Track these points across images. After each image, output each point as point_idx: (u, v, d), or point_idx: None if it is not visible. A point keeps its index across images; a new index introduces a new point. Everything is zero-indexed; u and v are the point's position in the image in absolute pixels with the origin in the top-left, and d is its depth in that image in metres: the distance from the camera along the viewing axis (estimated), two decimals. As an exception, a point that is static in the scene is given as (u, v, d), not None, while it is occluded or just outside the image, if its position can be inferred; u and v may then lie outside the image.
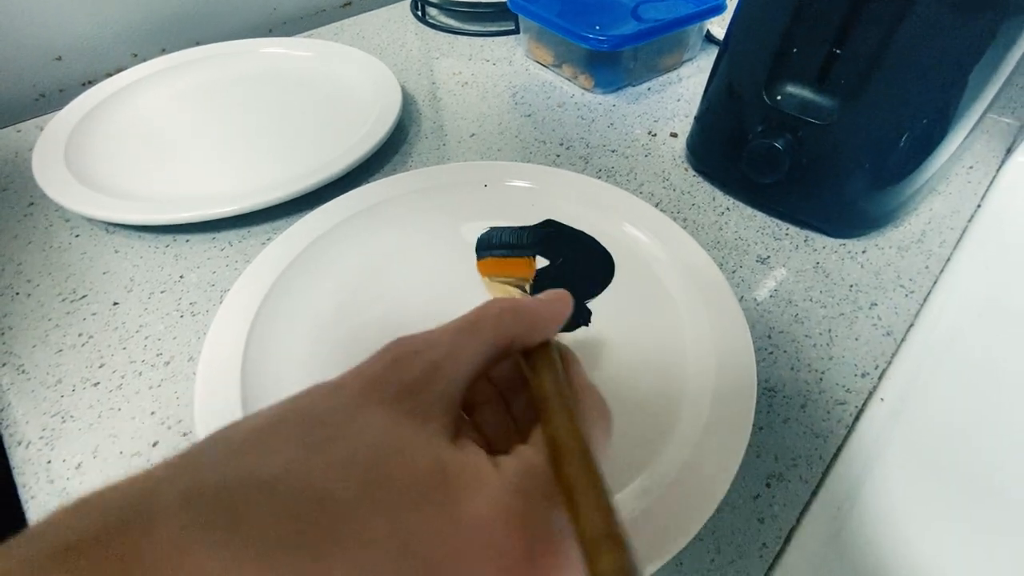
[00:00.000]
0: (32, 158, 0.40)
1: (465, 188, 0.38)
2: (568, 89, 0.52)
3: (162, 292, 0.34)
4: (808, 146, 0.34)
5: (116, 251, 0.36)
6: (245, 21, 0.62)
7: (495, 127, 0.47)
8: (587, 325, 0.30)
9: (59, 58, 0.52)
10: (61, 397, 0.28)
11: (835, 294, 0.34)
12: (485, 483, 0.14)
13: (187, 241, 0.37)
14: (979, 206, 0.40)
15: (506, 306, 0.18)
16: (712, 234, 0.37)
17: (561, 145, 0.45)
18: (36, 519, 0.24)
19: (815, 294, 0.34)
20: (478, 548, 0.13)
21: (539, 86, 0.52)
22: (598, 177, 0.41)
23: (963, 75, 0.31)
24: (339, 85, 0.50)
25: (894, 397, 0.29)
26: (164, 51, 0.56)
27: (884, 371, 0.30)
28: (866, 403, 0.28)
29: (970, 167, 0.42)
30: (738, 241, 0.37)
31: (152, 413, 0.28)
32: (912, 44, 0.30)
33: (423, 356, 0.15)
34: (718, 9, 0.50)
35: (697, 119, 0.42)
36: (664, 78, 0.53)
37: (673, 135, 0.46)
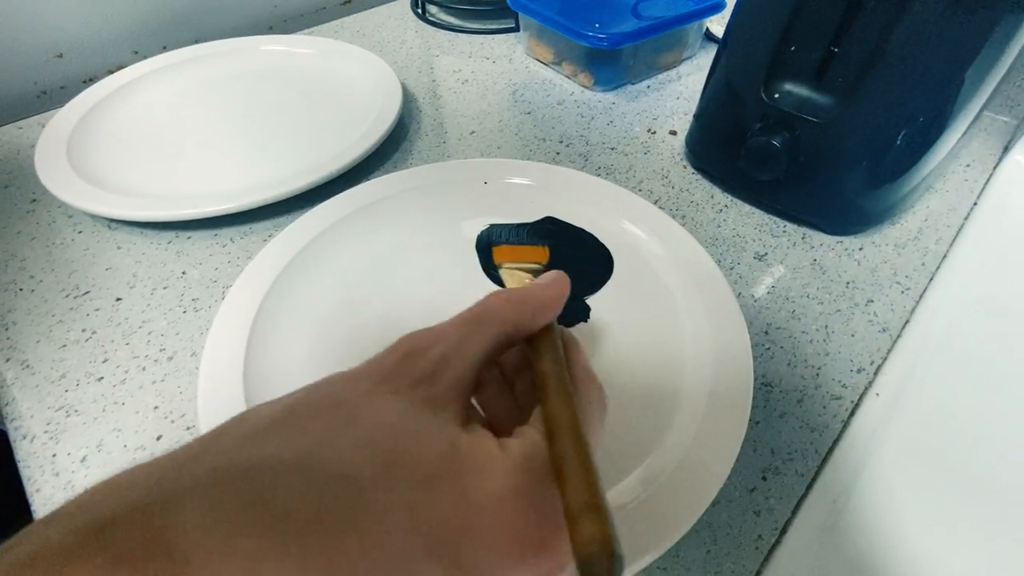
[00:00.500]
0: (35, 155, 0.40)
1: (465, 185, 0.38)
2: (568, 87, 0.52)
3: (164, 288, 0.34)
4: (806, 144, 0.34)
5: (118, 247, 0.36)
6: (245, 18, 0.62)
7: (495, 124, 0.47)
8: (586, 321, 0.30)
9: (60, 55, 0.52)
10: (65, 392, 0.29)
11: (832, 291, 0.34)
12: (495, 464, 0.14)
13: (189, 238, 0.37)
14: (976, 204, 0.40)
15: (507, 297, 0.19)
16: (710, 231, 0.38)
17: (561, 143, 0.45)
18: (42, 512, 0.24)
19: (812, 291, 0.34)
20: (488, 525, 0.13)
21: (539, 84, 0.52)
22: (597, 174, 0.41)
23: (960, 73, 0.31)
24: (340, 82, 0.50)
25: (890, 392, 0.29)
26: (165, 48, 0.56)
27: (880, 367, 0.30)
28: (862, 398, 0.29)
29: (967, 165, 0.43)
30: (736, 238, 0.37)
31: (156, 407, 0.28)
32: (909, 42, 0.30)
33: (433, 349, 0.16)
34: (717, 7, 0.51)
35: (696, 117, 0.42)
36: (663, 76, 0.53)
37: (672, 133, 0.46)
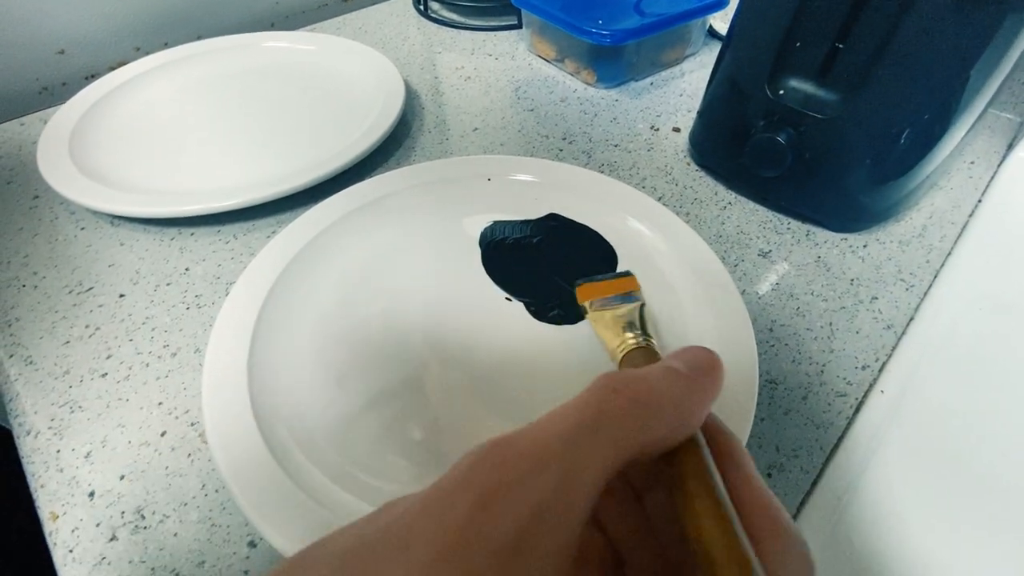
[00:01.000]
0: (37, 151, 0.40)
1: (469, 182, 0.38)
2: (571, 84, 0.52)
3: (168, 284, 0.34)
4: (810, 140, 0.34)
5: (121, 244, 0.36)
6: (247, 15, 0.62)
7: (498, 121, 0.47)
8: (590, 318, 0.30)
9: (62, 51, 0.52)
10: (69, 388, 0.29)
11: (836, 288, 0.34)
12: None
13: (192, 234, 0.37)
14: (980, 201, 0.40)
15: (634, 394, 0.12)
16: (714, 228, 0.37)
17: (564, 140, 0.45)
18: (46, 508, 0.24)
19: (816, 288, 0.34)
20: None
21: (541, 81, 0.52)
22: (600, 171, 0.41)
23: (965, 70, 0.31)
24: (342, 79, 0.50)
25: (894, 389, 0.29)
26: (167, 45, 0.56)
27: (884, 364, 0.30)
28: (866, 395, 0.29)
29: (971, 162, 0.43)
30: (740, 235, 0.37)
31: (160, 403, 0.28)
32: (915, 39, 0.30)
33: (524, 493, 0.11)
34: (721, 4, 0.50)
35: (700, 113, 0.42)
36: (666, 73, 0.53)
37: (676, 130, 0.46)
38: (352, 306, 0.31)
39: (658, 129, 0.46)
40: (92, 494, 0.25)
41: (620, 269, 0.33)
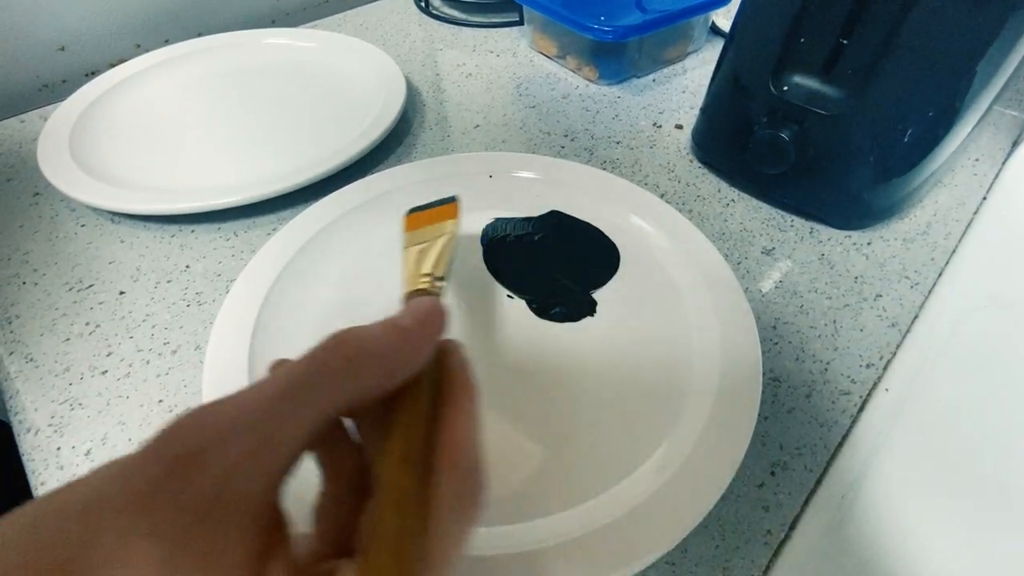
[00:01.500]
0: (37, 148, 0.40)
1: (470, 179, 0.38)
2: (572, 81, 0.51)
3: (168, 282, 0.34)
4: (814, 137, 0.34)
5: (122, 241, 0.36)
6: (247, 12, 0.62)
7: (499, 118, 0.47)
8: (593, 315, 0.30)
9: (62, 48, 0.52)
10: (69, 385, 0.29)
11: (840, 285, 0.34)
12: None
13: (192, 231, 0.37)
14: (985, 199, 0.39)
15: (346, 352, 0.14)
16: (717, 225, 0.37)
17: (566, 136, 0.45)
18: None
19: (820, 285, 0.34)
20: None
21: (543, 78, 0.52)
22: (603, 168, 0.41)
23: (970, 66, 0.31)
24: (343, 76, 0.50)
25: (899, 387, 0.29)
26: (167, 42, 0.55)
27: (889, 362, 0.30)
28: (871, 393, 0.28)
29: (976, 160, 0.42)
30: (743, 232, 0.37)
31: (160, 401, 0.28)
32: (920, 35, 0.30)
33: (216, 456, 0.11)
34: (723, 0, 0.50)
35: (703, 110, 0.41)
36: (669, 70, 0.53)
37: (678, 127, 0.46)
38: (353, 303, 0.31)
39: (660, 126, 0.46)
40: (92, 492, 0.25)
41: (621, 267, 0.33)
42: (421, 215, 0.28)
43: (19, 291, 0.33)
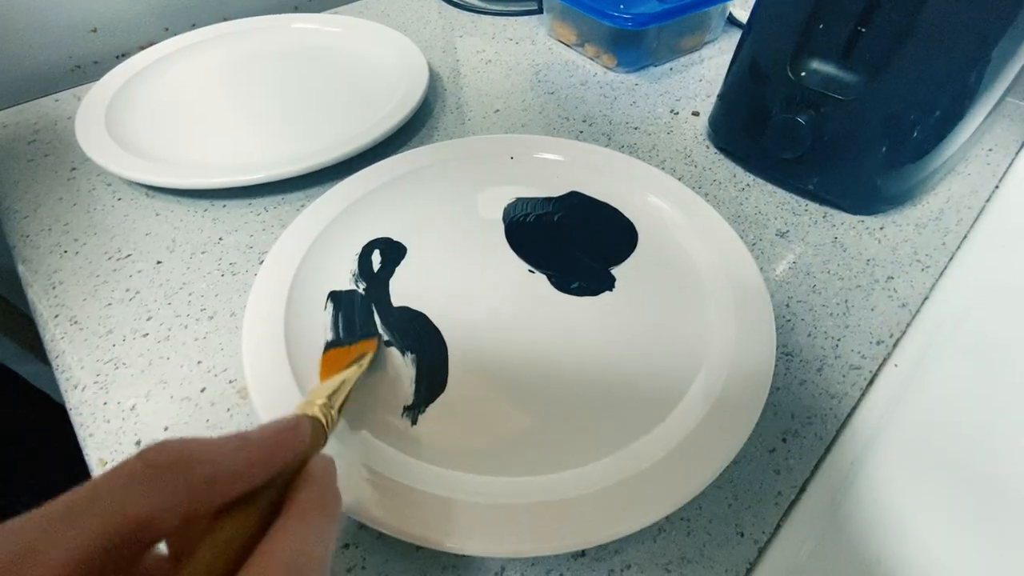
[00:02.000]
0: (75, 125, 0.41)
1: (492, 160, 0.39)
2: (591, 68, 0.52)
3: (203, 253, 0.35)
4: (830, 122, 0.35)
5: (157, 214, 0.38)
6: (271, -2, 0.63)
7: (519, 104, 0.48)
8: (611, 290, 0.31)
9: (94, 30, 0.53)
10: (113, 346, 0.30)
11: (852, 267, 0.34)
12: None
13: (224, 206, 0.38)
14: (997, 188, 0.40)
15: (169, 457, 0.12)
16: (733, 209, 0.38)
17: (584, 122, 0.46)
18: (95, 455, 0.26)
19: (833, 267, 0.34)
20: None
21: (562, 65, 0.53)
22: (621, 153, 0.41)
23: (985, 54, 0.31)
24: (367, 61, 0.51)
25: (908, 364, 0.30)
26: (194, 26, 0.57)
27: (899, 340, 0.31)
28: (880, 368, 0.29)
29: (989, 149, 0.43)
30: (758, 216, 0.38)
31: (199, 362, 0.29)
32: (936, 21, 0.31)
33: None
34: (741, -10, 0.51)
35: (720, 96, 0.42)
36: (686, 59, 0.53)
37: (695, 114, 0.46)
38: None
39: (677, 113, 0.47)
40: (139, 443, 0.26)
41: (640, 242, 0.34)
42: (341, 351, 0.27)
43: (61, 259, 0.35)
